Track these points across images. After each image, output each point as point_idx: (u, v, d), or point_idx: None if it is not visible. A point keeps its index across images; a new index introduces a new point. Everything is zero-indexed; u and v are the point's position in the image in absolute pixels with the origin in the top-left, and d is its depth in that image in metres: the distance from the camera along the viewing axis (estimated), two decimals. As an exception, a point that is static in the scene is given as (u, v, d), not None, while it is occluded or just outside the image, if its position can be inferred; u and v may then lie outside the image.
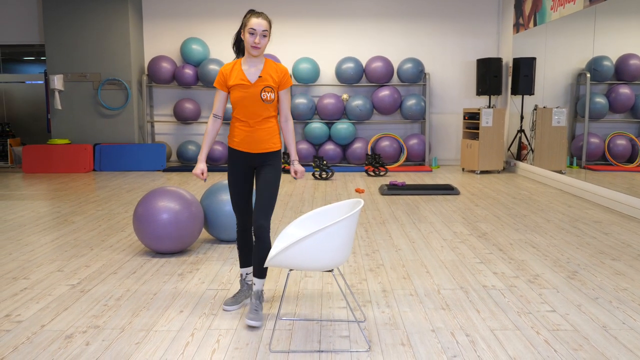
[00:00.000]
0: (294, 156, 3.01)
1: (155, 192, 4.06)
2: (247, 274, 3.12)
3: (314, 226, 2.80)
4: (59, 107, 9.14)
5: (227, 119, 9.32)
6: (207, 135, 2.95)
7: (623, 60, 7.05)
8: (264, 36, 2.78)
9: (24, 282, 3.52)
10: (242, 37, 2.86)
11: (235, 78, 2.85)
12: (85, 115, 9.29)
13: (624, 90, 7.16)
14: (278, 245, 2.76)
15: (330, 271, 2.62)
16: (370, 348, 2.56)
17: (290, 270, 2.67)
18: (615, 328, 2.78)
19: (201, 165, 2.93)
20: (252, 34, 2.77)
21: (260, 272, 2.88)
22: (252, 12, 2.82)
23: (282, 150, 8.94)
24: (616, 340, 2.65)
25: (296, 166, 2.99)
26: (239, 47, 2.95)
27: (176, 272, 3.69)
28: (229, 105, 9.35)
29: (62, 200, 6.39)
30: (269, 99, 2.84)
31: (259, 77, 2.85)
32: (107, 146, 9.06)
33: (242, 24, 2.82)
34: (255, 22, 2.76)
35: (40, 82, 10.91)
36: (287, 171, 8.65)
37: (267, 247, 2.85)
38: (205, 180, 2.95)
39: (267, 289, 3.37)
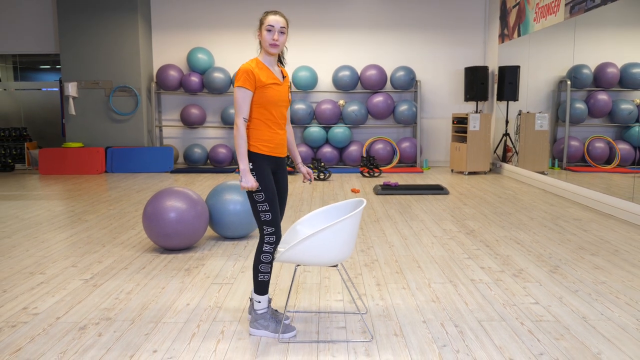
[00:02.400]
0: (299, 159, 2.83)
1: (163, 192, 4.05)
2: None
3: (320, 224, 2.79)
4: (73, 113, 9.12)
5: (229, 123, 9.30)
6: (244, 142, 2.49)
7: (601, 68, 7.07)
8: (282, 33, 2.53)
9: (40, 276, 3.51)
10: (258, 37, 2.57)
11: (267, 77, 2.53)
12: (97, 120, 9.27)
13: (602, 96, 7.18)
14: (287, 241, 2.75)
15: (335, 266, 2.62)
16: (373, 338, 2.55)
17: (298, 265, 2.67)
18: (594, 319, 2.79)
19: (251, 178, 2.49)
20: (270, 30, 2.51)
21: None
22: (268, 11, 2.58)
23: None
24: (595, 330, 2.65)
25: (304, 168, 2.82)
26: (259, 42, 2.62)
27: (183, 268, 3.69)
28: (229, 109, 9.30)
29: (76, 200, 6.38)
30: (291, 99, 2.69)
31: (284, 77, 2.66)
32: (118, 149, 9.04)
33: (259, 23, 2.56)
34: (273, 19, 2.51)
35: (56, 89, 10.89)
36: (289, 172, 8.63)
37: None
38: (258, 188, 2.52)
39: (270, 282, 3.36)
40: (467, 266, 3.70)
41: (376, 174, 8.33)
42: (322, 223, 2.79)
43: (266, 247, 2.55)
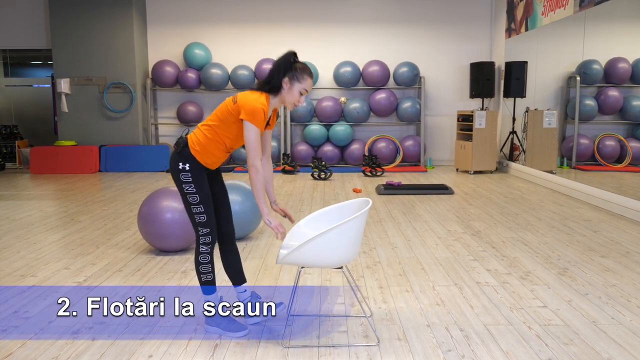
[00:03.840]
0: (274, 197, 2.77)
1: (159, 192, 4.05)
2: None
3: (323, 225, 2.77)
4: (66, 110, 9.12)
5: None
6: (262, 186, 2.52)
7: (612, 63, 7.06)
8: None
9: (32, 279, 3.51)
10: (283, 83, 2.51)
11: (270, 118, 2.63)
12: (91, 118, 9.27)
13: (613, 92, 7.16)
14: (290, 243, 2.75)
15: (340, 268, 2.62)
16: (379, 342, 2.55)
17: (302, 267, 2.67)
18: (604, 323, 2.78)
19: (274, 220, 2.54)
20: (303, 94, 2.54)
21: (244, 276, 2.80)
22: (306, 67, 2.53)
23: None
24: (605, 334, 2.65)
25: (277, 208, 2.74)
26: (275, 83, 2.53)
27: (179, 270, 3.69)
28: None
29: (69, 200, 6.38)
30: (273, 125, 2.70)
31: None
32: (113, 148, 9.04)
33: (293, 71, 2.51)
34: (310, 84, 2.55)
35: (48, 86, 10.89)
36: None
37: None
38: (283, 233, 2.55)
39: (268, 285, 3.37)
40: (473, 268, 3.69)
41: (379, 173, 8.33)
42: (325, 224, 2.78)
43: (202, 247, 2.61)
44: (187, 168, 2.53)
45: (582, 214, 5.40)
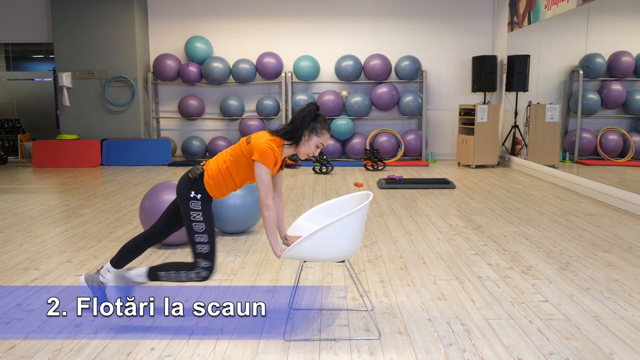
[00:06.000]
0: (285, 232, 2.78)
1: (161, 186, 4.05)
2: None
3: (324, 219, 2.77)
4: (67, 104, 9.12)
5: (228, 115, 9.27)
6: (273, 222, 2.55)
7: (615, 57, 7.02)
8: None
9: (35, 272, 3.52)
10: (304, 135, 2.57)
11: (276, 165, 2.63)
12: (92, 112, 9.27)
13: (616, 86, 7.13)
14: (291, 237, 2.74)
15: (341, 262, 2.62)
16: (381, 336, 2.55)
17: (304, 262, 2.67)
18: (606, 318, 2.78)
19: (279, 251, 2.59)
20: (319, 147, 2.62)
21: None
22: (326, 122, 2.61)
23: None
24: (607, 329, 2.65)
25: (286, 242, 2.73)
26: (297, 136, 2.57)
27: (181, 263, 3.69)
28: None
29: (71, 193, 6.39)
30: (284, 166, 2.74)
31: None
32: (114, 141, 9.04)
33: (314, 127, 2.57)
34: (327, 139, 2.62)
35: (49, 80, 10.88)
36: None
37: None
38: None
39: (270, 279, 3.37)
40: (474, 262, 3.69)
41: (380, 168, 8.32)
42: (326, 218, 2.78)
43: (193, 275, 2.60)
44: (199, 198, 2.58)
45: (584, 209, 5.39)
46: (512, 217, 5.05)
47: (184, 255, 3.88)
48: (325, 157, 7.97)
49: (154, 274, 2.68)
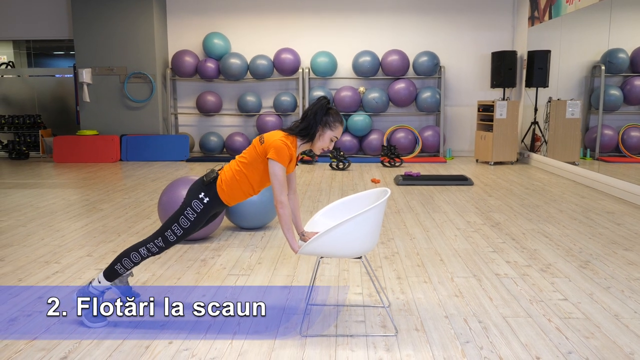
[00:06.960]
0: (302, 228, 2.80)
1: (179, 181, 4.09)
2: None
3: (341, 215, 2.77)
4: (87, 100, 9.25)
5: (245, 111, 9.31)
6: (289, 219, 2.56)
7: (638, 52, 6.88)
8: None
9: (56, 266, 3.58)
10: (318, 129, 2.59)
11: (291, 162, 2.62)
12: (112, 108, 9.39)
13: (639, 82, 7.00)
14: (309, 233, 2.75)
15: (358, 258, 2.63)
16: (398, 332, 2.55)
17: (321, 258, 2.67)
18: (627, 317, 2.74)
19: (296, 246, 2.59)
20: (332, 141, 2.63)
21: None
22: (338, 115, 2.61)
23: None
24: (627, 329, 2.61)
25: (305, 237, 2.74)
26: (311, 132, 2.59)
27: (199, 258, 3.73)
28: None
29: (91, 188, 6.48)
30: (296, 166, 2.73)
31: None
32: (133, 137, 9.15)
33: (327, 121, 2.59)
34: (340, 132, 2.63)
35: (70, 76, 11.03)
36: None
37: None
38: None
39: (286, 275, 3.39)
40: (492, 260, 3.66)
41: (397, 164, 8.29)
42: (343, 214, 2.78)
43: (143, 250, 2.63)
44: (205, 201, 2.60)
45: (605, 206, 5.30)
46: (531, 214, 4.99)
47: (202, 250, 3.92)
48: (342, 153, 7.96)
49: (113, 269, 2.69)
